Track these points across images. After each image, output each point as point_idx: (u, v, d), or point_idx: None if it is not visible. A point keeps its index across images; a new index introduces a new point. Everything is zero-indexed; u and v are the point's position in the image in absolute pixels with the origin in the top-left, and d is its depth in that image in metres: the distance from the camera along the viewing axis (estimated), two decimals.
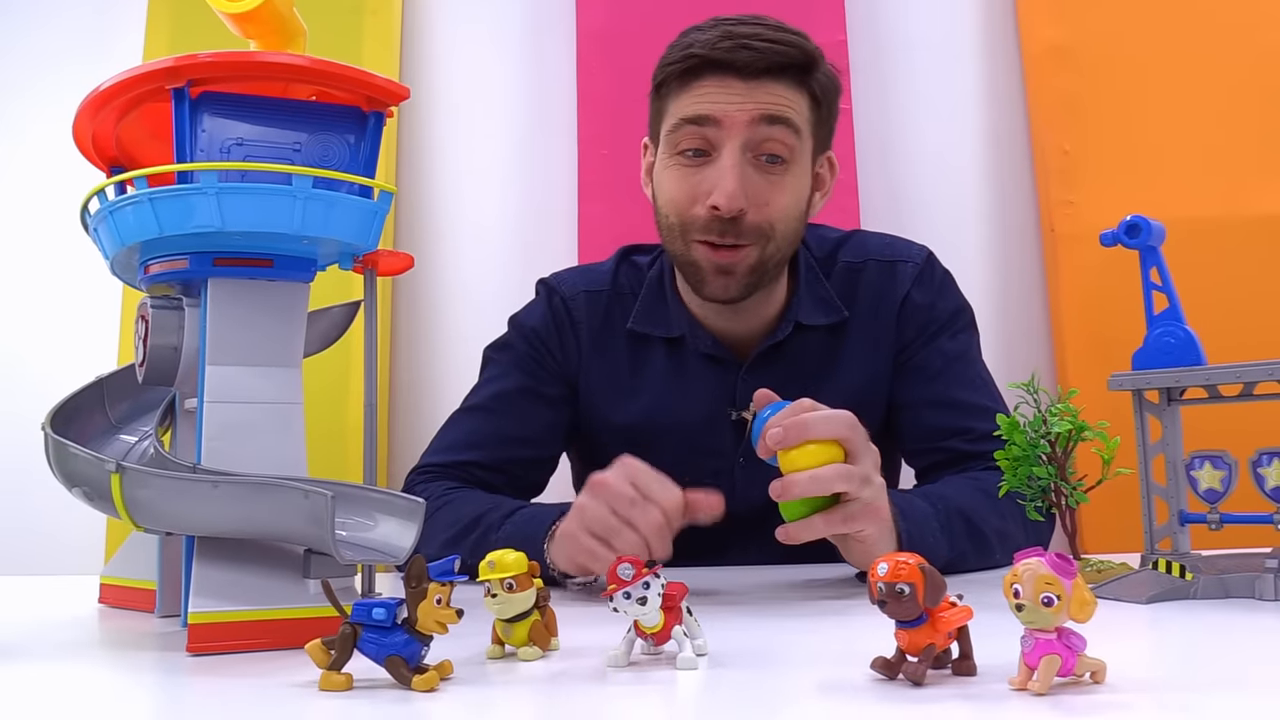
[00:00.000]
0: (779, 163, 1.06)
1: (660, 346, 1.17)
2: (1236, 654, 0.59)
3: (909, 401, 1.14)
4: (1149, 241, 0.81)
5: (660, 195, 1.11)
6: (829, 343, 1.15)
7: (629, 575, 0.54)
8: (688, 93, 1.06)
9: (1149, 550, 0.78)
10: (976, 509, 0.97)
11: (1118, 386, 0.80)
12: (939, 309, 1.16)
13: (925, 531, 0.90)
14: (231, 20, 0.75)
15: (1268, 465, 0.73)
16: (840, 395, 1.09)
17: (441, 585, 0.52)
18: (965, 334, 1.17)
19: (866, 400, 1.12)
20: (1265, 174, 1.59)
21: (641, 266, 1.23)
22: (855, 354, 1.15)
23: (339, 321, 0.90)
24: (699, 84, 1.05)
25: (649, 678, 0.54)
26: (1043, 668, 0.47)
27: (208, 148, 0.71)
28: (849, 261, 1.18)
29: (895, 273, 1.17)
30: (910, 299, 1.16)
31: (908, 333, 1.15)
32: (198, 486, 0.64)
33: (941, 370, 1.13)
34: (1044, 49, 1.69)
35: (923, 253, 1.20)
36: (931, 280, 1.18)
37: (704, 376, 1.15)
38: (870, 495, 0.82)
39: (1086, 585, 0.48)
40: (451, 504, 1.05)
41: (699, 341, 1.15)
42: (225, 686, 0.56)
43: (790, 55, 1.04)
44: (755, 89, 1.03)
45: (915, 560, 0.49)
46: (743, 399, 1.09)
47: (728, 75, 1.04)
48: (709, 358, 1.15)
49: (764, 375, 1.11)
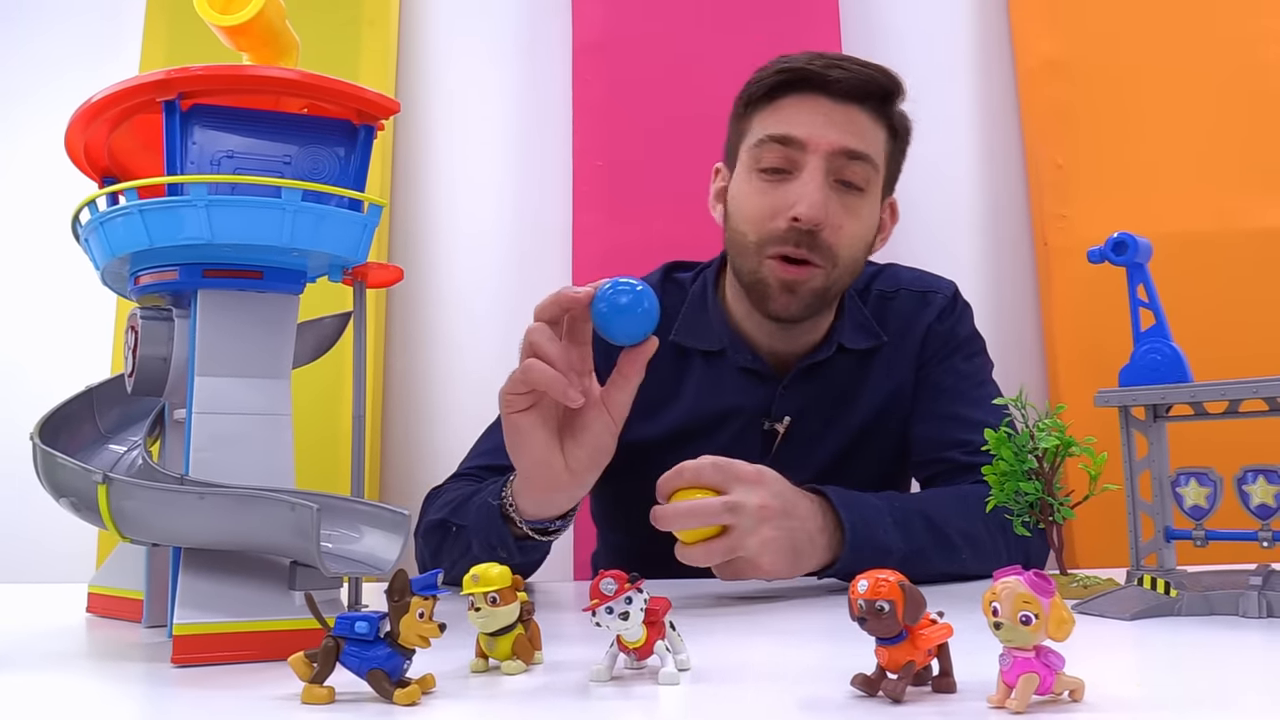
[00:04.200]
0: (856, 191, 1.10)
1: (699, 358, 1.20)
2: (1219, 671, 0.59)
3: (917, 415, 1.19)
4: (1136, 259, 0.81)
5: (737, 211, 1.14)
6: (861, 364, 1.20)
7: (611, 590, 0.54)
8: (774, 110, 1.10)
9: (1134, 566, 0.79)
10: (941, 510, 1.00)
11: (1104, 403, 0.80)
12: (958, 333, 1.23)
13: (875, 526, 0.93)
14: (224, 33, 0.75)
15: (1253, 482, 0.74)
16: (865, 413, 1.20)
17: (424, 599, 0.52)
18: (980, 358, 1.24)
19: (886, 418, 1.20)
20: (1258, 188, 1.60)
21: (684, 283, 1.26)
22: (882, 376, 1.20)
23: (329, 333, 0.90)
24: (787, 100, 1.10)
25: (631, 692, 0.55)
26: (1021, 686, 0.47)
27: (198, 160, 0.71)
28: (883, 290, 1.25)
29: (925, 302, 1.24)
30: (933, 326, 1.22)
31: (927, 354, 1.21)
32: (184, 498, 0.64)
33: (951, 387, 1.19)
34: (1038, 62, 1.69)
35: (951, 286, 1.27)
36: (954, 309, 1.25)
37: (741, 389, 1.18)
38: (748, 554, 0.88)
39: (1065, 604, 0.48)
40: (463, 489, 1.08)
41: (739, 355, 1.19)
42: (208, 698, 0.56)
43: (878, 81, 1.09)
44: (841, 112, 1.08)
45: (895, 578, 0.49)
46: (779, 412, 1.17)
47: (817, 94, 1.08)
48: (747, 371, 1.18)
49: (800, 391, 1.17)
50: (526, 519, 0.92)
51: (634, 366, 0.84)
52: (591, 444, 0.86)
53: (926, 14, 1.77)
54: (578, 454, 0.86)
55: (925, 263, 1.58)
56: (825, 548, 0.92)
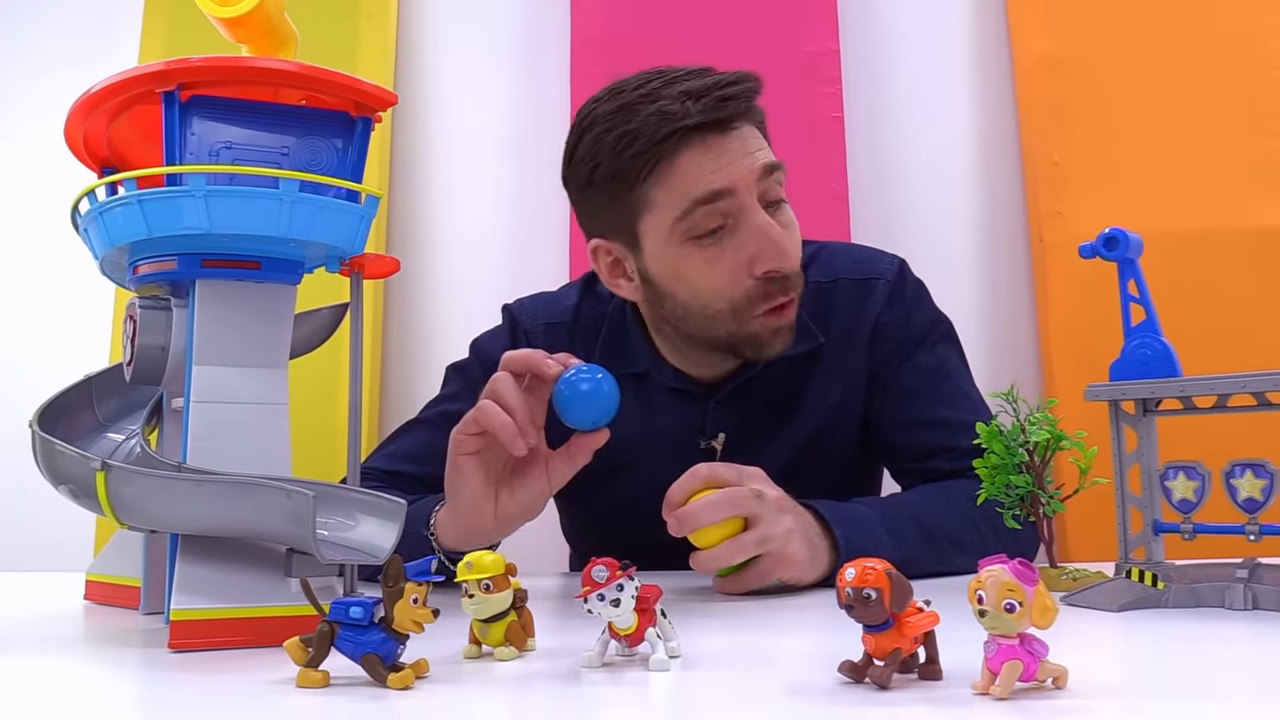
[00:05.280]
0: (781, 204, 1.04)
1: (627, 379, 1.11)
2: (1201, 662, 0.60)
3: (892, 423, 1.13)
4: (1127, 254, 0.82)
5: (688, 289, 1.03)
6: (802, 368, 1.13)
7: (603, 577, 0.55)
8: (677, 172, 0.99)
9: (1123, 559, 0.79)
10: (932, 513, 0.98)
11: (1094, 397, 0.81)
12: (912, 324, 1.14)
13: (868, 538, 0.92)
14: (223, 25, 0.76)
15: (1240, 476, 0.74)
16: (810, 420, 1.13)
17: (418, 585, 0.53)
18: (943, 346, 1.16)
19: (839, 423, 1.14)
20: (1253, 186, 1.61)
21: (604, 297, 1.19)
22: (827, 379, 1.13)
23: (326, 323, 0.91)
24: (686, 158, 0.98)
25: (622, 678, 0.55)
26: (1005, 673, 0.48)
27: (197, 150, 0.72)
28: (819, 281, 1.15)
29: (867, 291, 1.15)
30: (881, 318, 1.13)
31: (883, 352, 1.13)
32: (181, 485, 0.65)
33: (920, 389, 1.12)
34: (1035, 60, 1.70)
35: (893, 266, 1.17)
36: (903, 296, 1.16)
37: (672, 408, 1.13)
38: (775, 547, 0.87)
39: (1049, 593, 0.48)
40: None
41: (663, 377, 1.14)
42: (205, 683, 0.57)
43: (750, 97, 1.01)
44: (739, 141, 1.00)
45: (882, 566, 0.50)
46: (712, 429, 1.12)
47: (708, 136, 0.98)
48: (675, 390, 1.14)
49: (734, 406, 1.12)
50: (444, 548, 0.93)
51: (583, 451, 0.88)
52: (524, 500, 0.89)
53: (925, 11, 1.78)
54: (509, 506, 0.89)
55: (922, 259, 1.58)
56: (826, 551, 0.91)
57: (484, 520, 0.89)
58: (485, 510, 0.89)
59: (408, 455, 1.16)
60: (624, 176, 1.00)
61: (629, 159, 0.99)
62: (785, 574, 0.87)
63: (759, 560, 0.87)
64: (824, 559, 0.91)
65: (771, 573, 0.87)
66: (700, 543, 0.87)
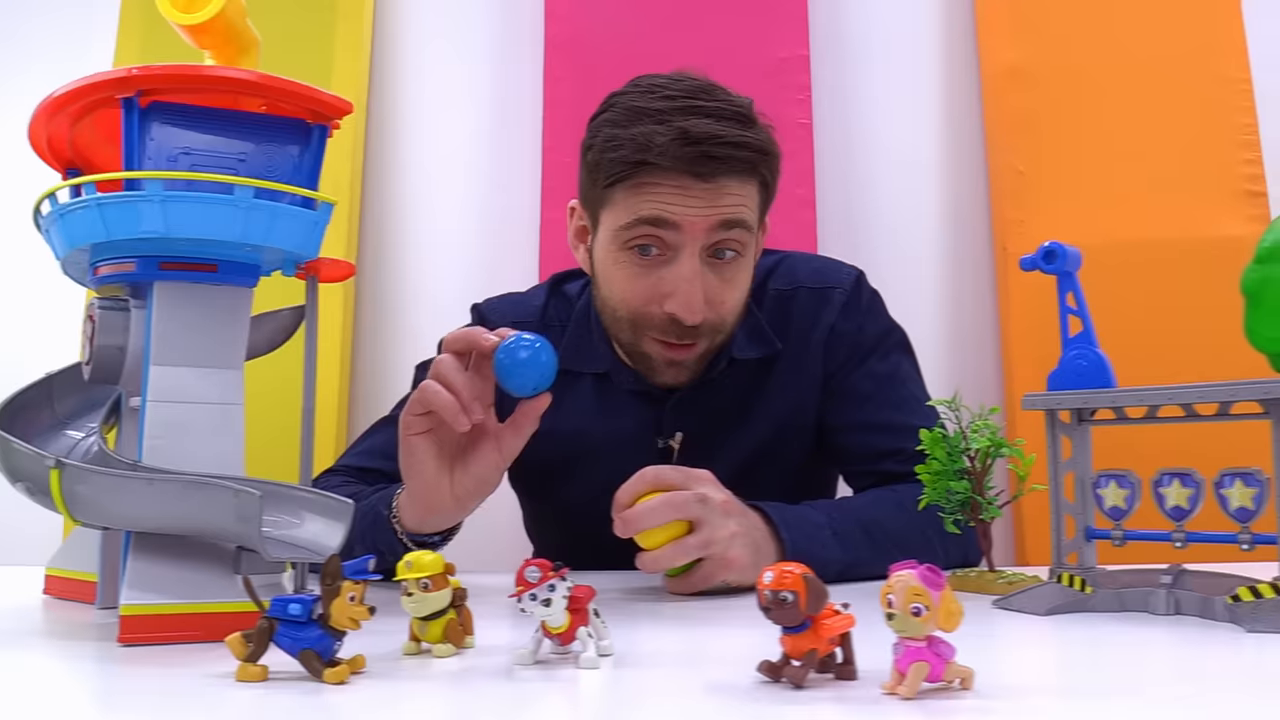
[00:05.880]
0: (734, 257, 1.06)
1: (589, 379, 1.18)
2: (1114, 664, 0.62)
3: (843, 426, 1.16)
4: (1065, 267, 0.84)
5: (609, 288, 1.09)
6: (758, 372, 1.16)
7: (535, 578, 0.57)
8: (641, 191, 1.02)
9: (1056, 564, 0.82)
10: (881, 518, 1.01)
11: (1030, 406, 0.83)
12: (866, 332, 1.18)
13: (814, 541, 0.95)
14: (185, 31, 0.77)
15: (1168, 485, 0.77)
16: (765, 423, 1.16)
17: (356, 583, 0.55)
18: (896, 354, 1.19)
19: (793, 427, 1.17)
20: (1213, 198, 1.64)
21: (571, 297, 1.24)
22: (783, 383, 1.16)
23: (286, 325, 0.92)
24: (654, 182, 1.02)
25: (553, 675, 0.57)
26: (911, 673, 0.50)
27: (155, 156, 0.73)
28: (779, 289, 1.19)
29: (824, 299, 1.18)
30: (836, 327, 1.17)
31: (837, 358, 1.17)
32: (133, 483, 0.67)
33: (872, 393, 1.15)
34: (1002, 69, 1.73)
35: (851, 276, 1.20)
36: (858, 305, 1.19)
37: (630, 409, 1.16)
38: (718, 551, 0.89)
39: (954, 597, 0.51)
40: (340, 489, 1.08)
41: (624, 379, 1.16)
42: (149, 675, 0.58)
43: (749, 158, 1.03)
44: (713, 191, 1.02)
45: (799, 570, 0.52)
46: (669, 429, 1.14)
47: (684, 176, 1.01)
48: (636, 391, 1.16)
49: (691, 408, 1.14)
50: (407, 531, 0.96)
51: (528, 418, 0.90)
52: (478, 475, 0.91)
53: (895, 19, 1.80)
54: (464, 482, 0.91)
55: (888, 265, 1.62)
56: (773, 553, 0.94)
57: (442, 498, 0.92)
58: (442, 487, 0.91)
59: (378, 452, 1.18)
60: (600, 170, 1.06)
61: (608, 160, 1.04)
62: (729, 576, 0.89)
63: (703, 563, 0.89)
64: (770, 561, 0.93)
65: (715, 575, 0.89)
66: (646, 544, 0.89)
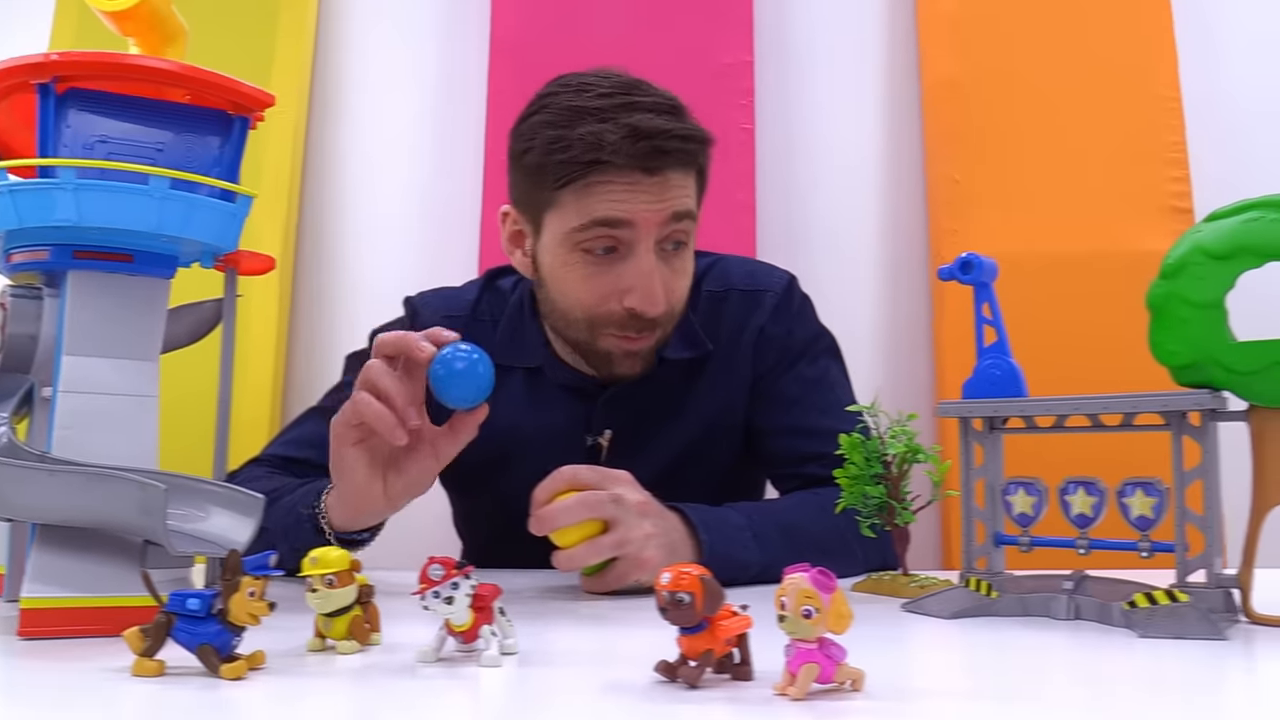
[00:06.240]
0: (681, 248, 1.08)
1: (520, 373, 1.18)
2: (1013, 668, 0.63)
3: (770, 429, 1.18)
4: (981, 278, 0.86)
5: (559, 290, 1.09)
6: (689, 372, 1.17)
7: (439, 575, 0.57)
8: (593, 191, 1.02)
9: (966, 569, 0.83)
10: (802, 520, 1.02)
11: (944, 414, 0.85)
12: (795, 336, 1.19)
13: (733, 543, 0.96)
14: (109, 18, 0.77)
15: (1074, 493, 0.79)
16: (694, 424, 1.17)
17: (255, 579, 0.55)
18: (824, 359, 1.21)
19: (721, 427, 1.18)
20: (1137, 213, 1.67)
21: (504, 291, 1.24)
22: (713, 384, 1.17)
23: (208, 317, 0.91)
24: (606, 181, 1.01)
25: (455, 673, 0.58)
26: (801, 675, 0.51)
27: (71, 143, 0.72)
28: (712, 291, 1.20)
29: (755, 302, 1.19)
30: (766, 329, 1.18)
31: (766, 361, 1.18)
32: (35, 474, 0.66)
33: (799, 397, 1.17)
34: (941, 81, 1.76)
35: (783, 281, 1.22)
36: (789, 309, 1.20)
37: (561, 404, 1.17)
38: (631, 551, 0.90)
39: (846, 599, 0.52)
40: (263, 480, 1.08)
41: (556, 374, 1.17)
42: (45, 669, 0.58)
43: (694, 150, 1.05)
44: (660, 184, 1.03)
45: (697, 571, 0.53)
46: (599, 426, 1.15)
47: (635, 173, 1.01)
48: (566, 387, 1.17)
49: (621, 406, 1.15)
50: (335, 529, 0.95)
51: (466, 426, 0.90)
52: (413, 477, 0.91)
53: (839, 30, 1.82)
54: (397, 484, 0.91)
55: (826, 271, 1.64)
56: (690, 554, 0.94)
57: (373, 501, 0.92)
58: (374, 492, 0.91)
59: (306, 441, 1.17)
60: (545, 172, 1.04)
61: (555, 163, 1.02)
62: (642, 576, 0.90)
63: (616, 562, 0.90)
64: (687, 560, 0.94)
65: (628, 575, 0.90)
66: (560, 542, 0.89)
